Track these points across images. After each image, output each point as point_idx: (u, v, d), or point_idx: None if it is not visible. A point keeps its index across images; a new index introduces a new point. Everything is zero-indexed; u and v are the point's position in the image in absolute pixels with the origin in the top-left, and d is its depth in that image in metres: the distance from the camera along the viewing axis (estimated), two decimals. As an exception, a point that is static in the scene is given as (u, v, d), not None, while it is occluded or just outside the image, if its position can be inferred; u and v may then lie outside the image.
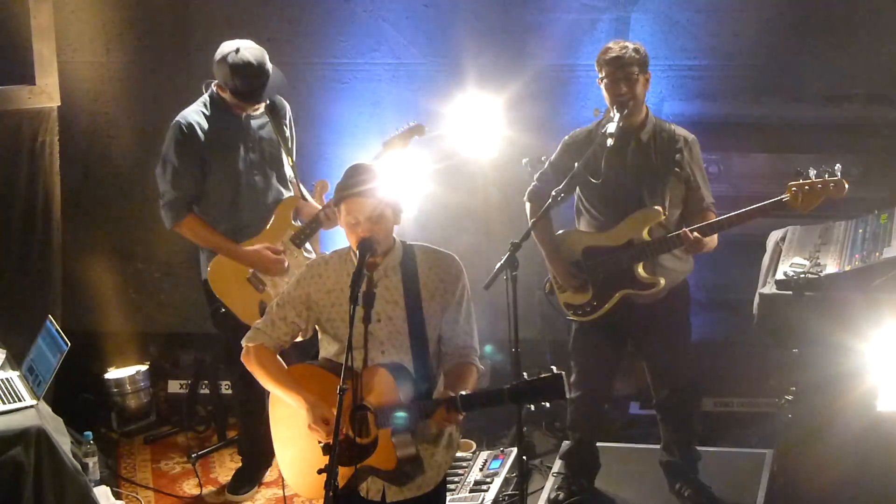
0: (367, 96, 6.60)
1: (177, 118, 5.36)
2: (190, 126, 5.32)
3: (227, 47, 5.27)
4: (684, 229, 4.91)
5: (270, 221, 5.46)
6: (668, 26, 6.28)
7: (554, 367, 3.80)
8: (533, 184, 5.24)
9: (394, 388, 3.89)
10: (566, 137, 5.18)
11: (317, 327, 4.17)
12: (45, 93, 6.28)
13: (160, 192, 5.43)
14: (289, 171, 5.56)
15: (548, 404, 3.84)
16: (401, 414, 3.88)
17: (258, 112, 5.43)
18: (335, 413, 3.75)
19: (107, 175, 6.86)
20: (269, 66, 5.31)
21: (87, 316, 6.85)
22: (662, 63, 6.23)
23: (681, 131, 5.07)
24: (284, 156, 5.53)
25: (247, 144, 5.43)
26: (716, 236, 4.96)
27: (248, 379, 4.29)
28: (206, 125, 5.35)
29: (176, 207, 5.38)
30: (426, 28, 6.49)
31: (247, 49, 5.26)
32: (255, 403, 5.42)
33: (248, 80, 5.25)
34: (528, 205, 5.23)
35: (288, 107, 5.59)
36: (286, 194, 5.54)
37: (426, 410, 3.89)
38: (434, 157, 5.88)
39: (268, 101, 5.39)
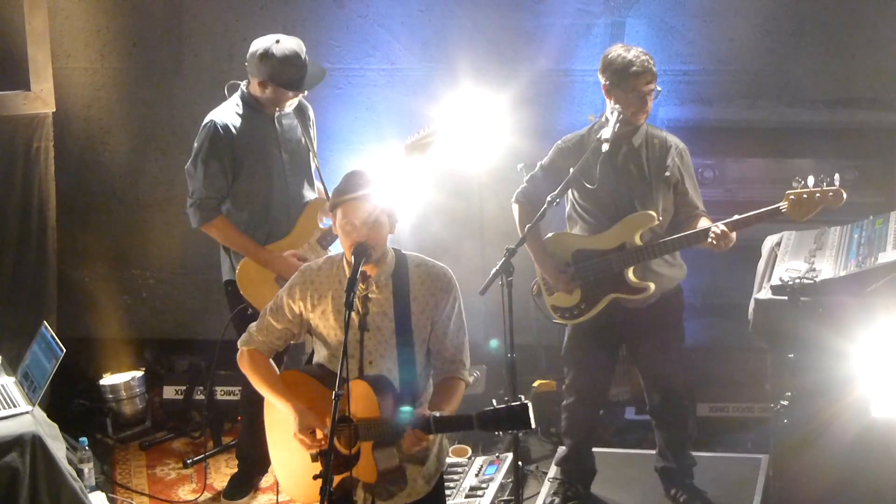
0: (362, 101, 6.60)
1: (210, 118, 5.33)
2: (226, 127, 5.30)
3: (266, 41, 5.26)
4: (715, 223, 4.84)
5: (298, 223, 5.46)
6: (663, 31, 6.27)
7: (522, 397, 3.81)
8: (521, 185, 5.22)
9: (374, 403, 3.89)
10: (559, 141, 5.16)
11: (310, 332, 4.17)
12: (40, 98, 6.29)
13: (190, 190, 5.39)
14: (314, 173, 5.57)
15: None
16: (381, 428, 3.89)
17: (289, 111, 5.42)
18: (326, 422, 3.75)
19: (101, 181, 6.85)
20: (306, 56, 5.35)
21: (83, 322, 6.85)
22: (657, 68, 6.19)
23: (672, 138, 5.07)
24: (311, 157, 5.55)
25: (279, 145, 5.43)
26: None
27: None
28: (240, 126, 5.33)
29: (206, 208, 5.35)
30: (421, 33, 6.48)
31: (287, 39, 5.29)
32: (261, 405, 5.40)
33: (295, 68, 5.25)
34: (515, 206, 5.18)
35: (311, 109, 5.59)
36: (313, 196, 5.54)
37: (400, 429, 3.87)
38: (429, 162, 5.87)
39: (305, 92, 5.40)
